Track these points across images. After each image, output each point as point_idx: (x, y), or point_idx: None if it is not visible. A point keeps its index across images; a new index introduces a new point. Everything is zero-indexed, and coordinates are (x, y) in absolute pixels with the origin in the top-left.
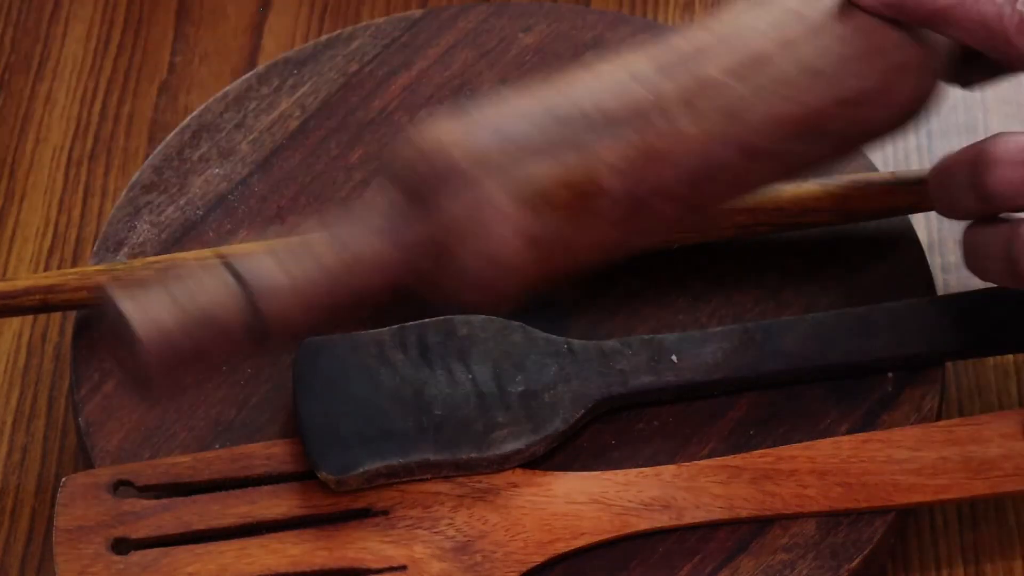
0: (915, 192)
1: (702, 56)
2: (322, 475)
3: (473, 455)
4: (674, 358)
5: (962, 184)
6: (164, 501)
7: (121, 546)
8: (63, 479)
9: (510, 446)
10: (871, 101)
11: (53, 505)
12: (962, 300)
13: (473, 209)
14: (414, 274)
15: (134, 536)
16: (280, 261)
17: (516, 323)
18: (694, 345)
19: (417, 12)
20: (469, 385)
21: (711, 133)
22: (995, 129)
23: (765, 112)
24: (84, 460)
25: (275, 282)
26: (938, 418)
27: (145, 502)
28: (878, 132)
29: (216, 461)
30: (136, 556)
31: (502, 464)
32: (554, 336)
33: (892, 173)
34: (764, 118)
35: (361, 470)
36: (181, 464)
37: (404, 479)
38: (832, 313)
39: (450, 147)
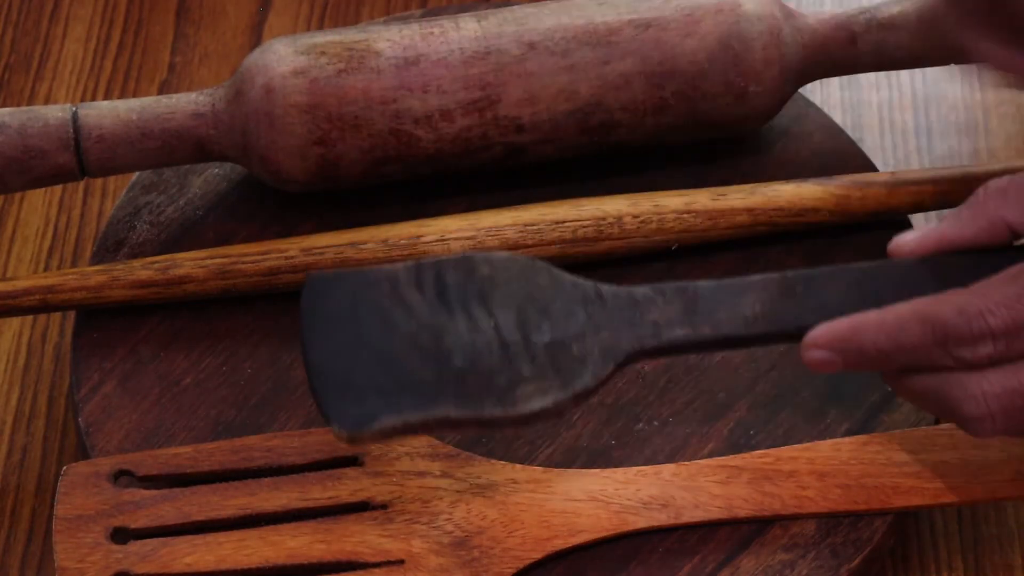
0: (915, 192)
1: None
2: (334, 430)
3: (497, 413)
4: (710, 309)
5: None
6: (164, 491)
7: (120, 535)
8: (64, 467)
9: (537, 404)
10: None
11: (53, 505)
12: None
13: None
14: (219, 137)
15: (133, 526)
16: (115, 105)
17: (541, 263)
18: (731, 295)
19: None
20: (491, 332)
21: None
22: (995, 129)
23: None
24: (84, 460)
25: (101, 115)
26: (938, 421)
27: (145, 492)
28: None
29: (216, 452)
30: (135, 546)
31: (527, 423)
32: (582, 279)
33: (892, 173)
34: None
35: (377, 427)
36: (181, 455)
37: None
38: (877, 263)
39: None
